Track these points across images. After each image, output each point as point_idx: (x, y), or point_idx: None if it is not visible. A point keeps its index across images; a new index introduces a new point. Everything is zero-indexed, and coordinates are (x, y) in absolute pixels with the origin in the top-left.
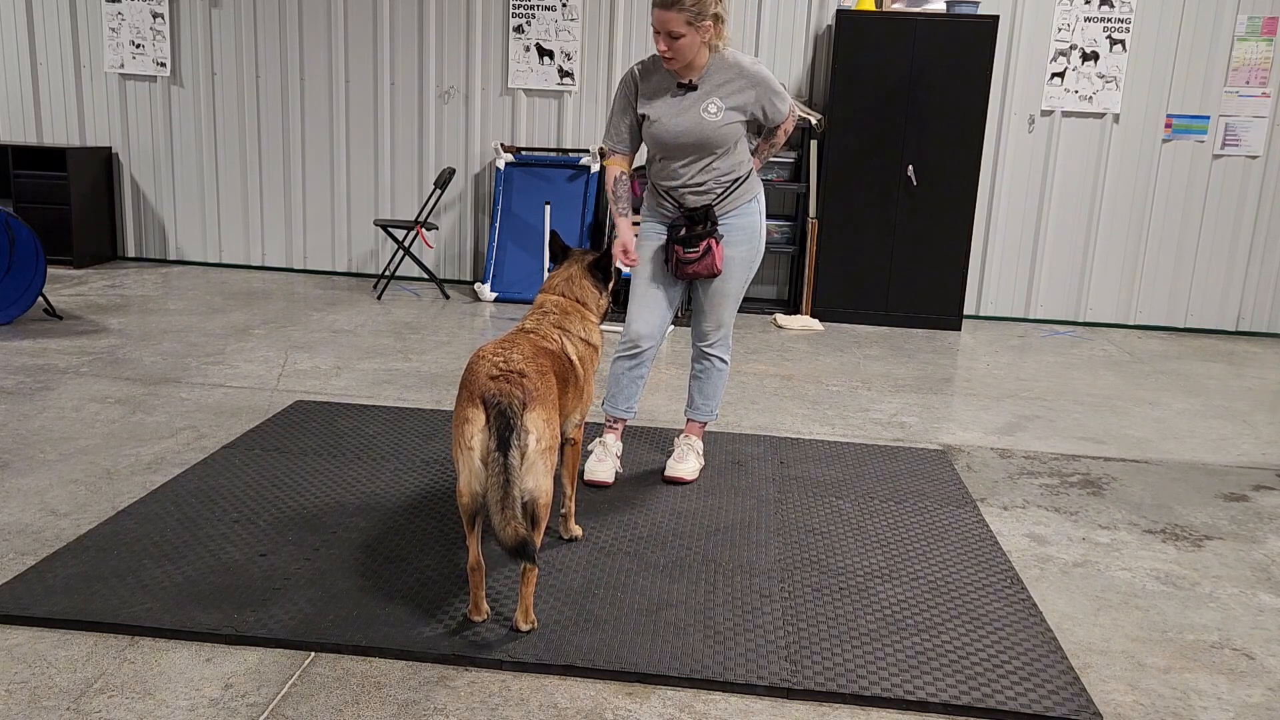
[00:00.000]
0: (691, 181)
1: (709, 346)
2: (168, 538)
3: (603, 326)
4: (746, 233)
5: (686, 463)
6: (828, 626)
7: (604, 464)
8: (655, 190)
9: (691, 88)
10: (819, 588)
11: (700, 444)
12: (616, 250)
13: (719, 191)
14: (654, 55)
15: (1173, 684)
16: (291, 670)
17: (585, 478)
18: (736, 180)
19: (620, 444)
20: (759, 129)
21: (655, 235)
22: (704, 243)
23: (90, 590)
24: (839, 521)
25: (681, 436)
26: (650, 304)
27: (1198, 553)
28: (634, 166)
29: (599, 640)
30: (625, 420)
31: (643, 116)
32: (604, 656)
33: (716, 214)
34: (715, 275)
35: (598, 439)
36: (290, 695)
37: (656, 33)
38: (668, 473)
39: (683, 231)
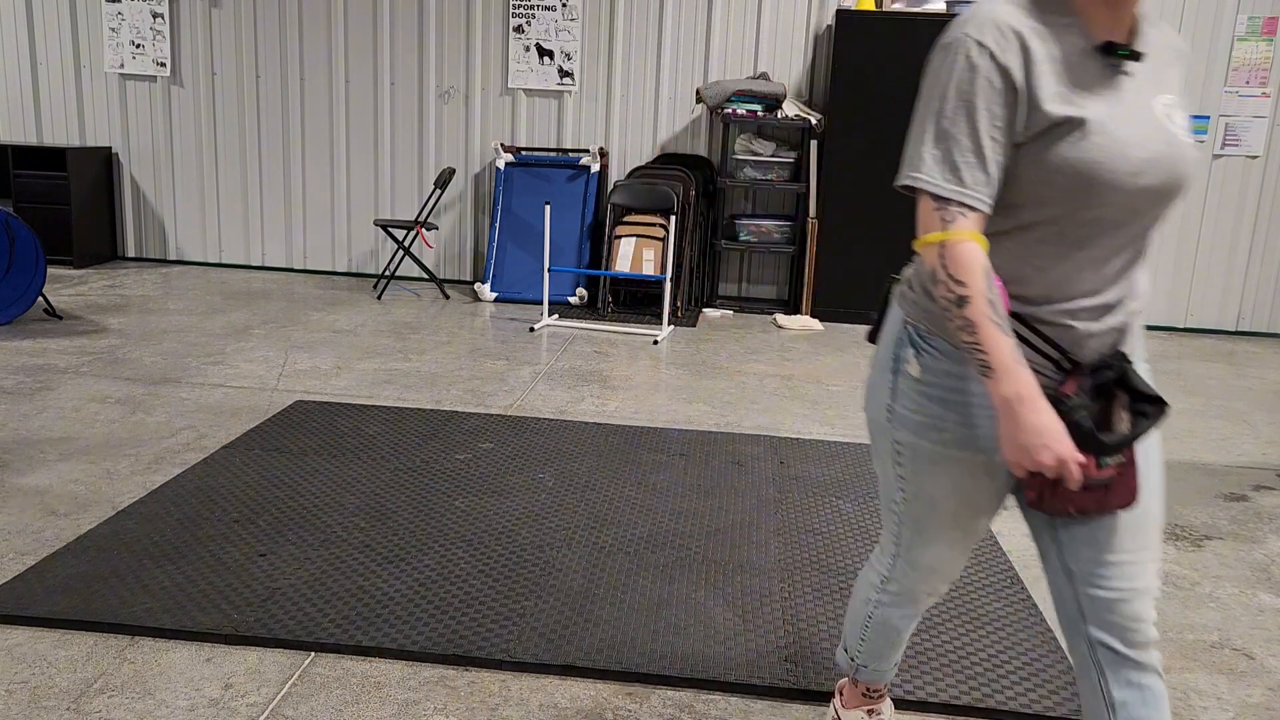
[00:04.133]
0: (1113, 298)
1: (1141, 648)
2: (168, 538)
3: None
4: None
5: None
6: (828, 626)
7: None
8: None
9: (1131, 56)
10: (819, 588)
11: None
12: (1048, 462)
13: (1132, 312)
14: None
15: (1173, 684)
16: (291, 670)
17: None
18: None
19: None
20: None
21: (969, 427)
22: (1127, 450)
23: (90, 590)
24: (839, 521)
25: None
26: (959, 546)
27: (1198, 553)
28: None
29: (599, 640)
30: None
31: (1059, 121)
32: (604, 656)
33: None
34: (1129, 506)
35: (868, 714)
36: (290, 695)
37: None
38: None
39: (1082, 413)
